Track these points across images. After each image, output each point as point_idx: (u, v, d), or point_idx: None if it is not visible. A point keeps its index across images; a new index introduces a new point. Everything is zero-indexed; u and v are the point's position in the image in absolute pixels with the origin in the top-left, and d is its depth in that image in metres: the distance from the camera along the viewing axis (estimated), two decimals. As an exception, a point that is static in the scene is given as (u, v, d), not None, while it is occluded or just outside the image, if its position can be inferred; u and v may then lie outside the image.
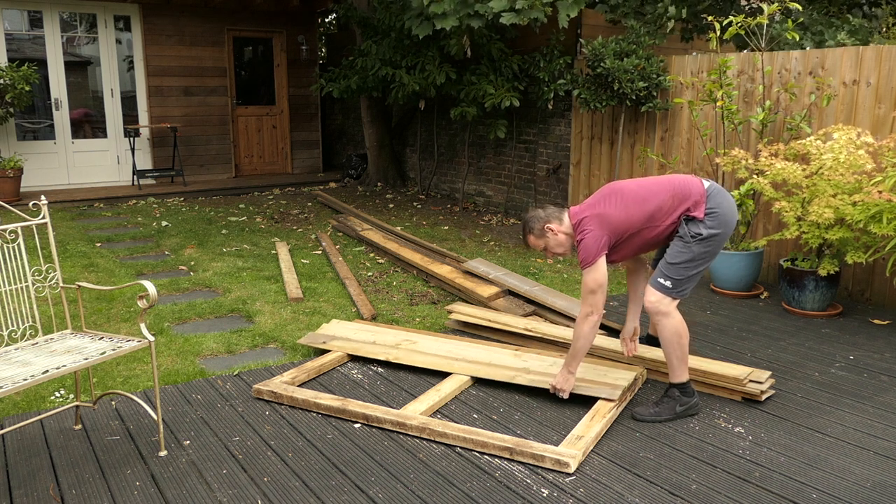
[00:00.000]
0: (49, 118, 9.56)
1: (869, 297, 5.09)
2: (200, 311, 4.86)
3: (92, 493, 2.69)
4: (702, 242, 3.24)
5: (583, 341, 3.31)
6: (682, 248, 3.27)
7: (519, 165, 8.34)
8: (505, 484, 2.76)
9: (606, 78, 6.19)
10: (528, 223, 3.44)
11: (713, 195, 3.31)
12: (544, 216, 3.40)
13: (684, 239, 3.27)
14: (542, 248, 3.45)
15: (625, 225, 3.28)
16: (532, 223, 3.42)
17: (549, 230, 3.38)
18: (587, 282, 3.25)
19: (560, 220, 3.39)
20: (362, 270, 5.96)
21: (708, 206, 3.27)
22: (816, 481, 2.78)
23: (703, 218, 3.25)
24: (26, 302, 3.02)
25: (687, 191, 3.30)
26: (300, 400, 3.40)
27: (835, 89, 5.13)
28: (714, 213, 3.27)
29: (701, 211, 3.26)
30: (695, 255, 3.25)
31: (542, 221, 3.39)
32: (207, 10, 10.26)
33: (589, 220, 3.29)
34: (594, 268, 3.23)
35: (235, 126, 10.87)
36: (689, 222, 3.27)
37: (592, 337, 3.32)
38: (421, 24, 7.03)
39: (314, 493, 2.70)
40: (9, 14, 9.22)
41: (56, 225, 7.36)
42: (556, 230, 3.38)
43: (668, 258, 3.29)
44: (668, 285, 3.26)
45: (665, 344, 3.30)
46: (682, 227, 3.29)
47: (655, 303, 3.27)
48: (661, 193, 3.31)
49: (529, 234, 3.44)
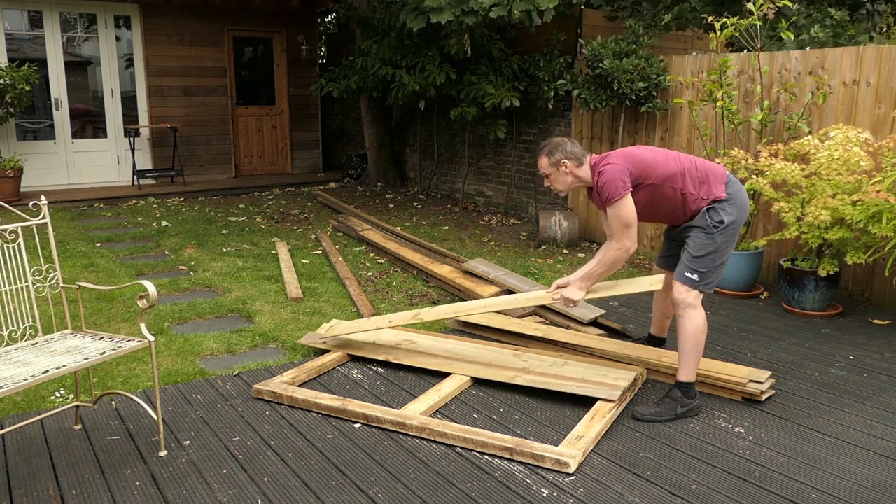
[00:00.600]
0: (49, 118, 9.56)
1: (869, 297, 5.09)
2: (200, 311, 4.86)
3: (92, 493, 2.69)
4: (724, 231, 3.28)
5: (605, 268, 3.33)
6: (705, 239, 3.29)
7: (519, 165, 8.34)
8: (505, 484, 2.76)
9: (606, 78, 6.19)
10: (551, 147, 3.39)
11: (732, 182, 3.38)
12: (568, 151, 3.35)
13: (706, 230, 3.29)
14: (546, 174, 3.43)
15: (650, 167, 3.27)
16: (554, 150, 3.37)
17: (563, 164, 3.36)
18: (621, 216, 3.22)
19: (580, 162, 3.37)
20: (362, 270, 5.96)
21: (728, 191, 3.33)
22: (816, 481, 2.78)
23: (725, 199, 3.29)
24: (26, 302, 3.02)
25: (711, 167, 3.37)
26: (300, 400, 3.41)
27: (833, 88, 5.13)
28: (731, 199, 3.32)
29: (722, 189, 3.30)
30: (718, 245, 3.28)
31: (563, 154, 3.35)
32: (207, 10, 10.27)
33: (613, 156, 3.31)
34: (623, 202, 3.22)
35: (235, 126, 10.87)
36: (709, 211, 3.30)
37: (616, 269, 3.35)
38: (416, 18, 7.03)
39: (314, 493, 2.70)
40: (9, 14, 9.22)
41: (56, 225, 7.36)
42: (569, 169, 3.36)
43: (692, 251, 3.31)
44: (695, 279, 3.28)
45: (684, 338, 3.30)
46: (703, 218, 3.30)
47: (685, 294, 3.28)
48: (686, 160, 3.37)
49: (546, 156, 3.39)
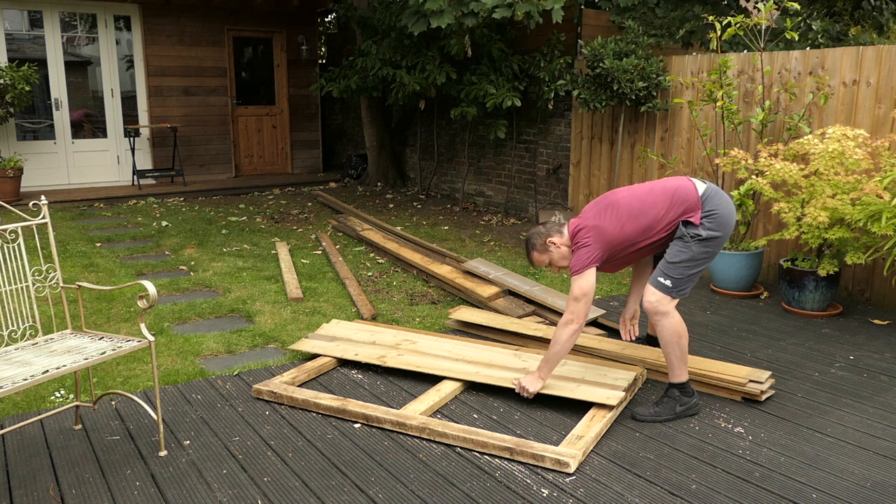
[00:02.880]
0: (49, 118, 9.56)
1: (869, 297, 5.09)
2: (200, 311, 4.86)
3: (92, 493, 2.69)
4: (701, 243, 3.25)
5: (559, 348, 3.29)
6: (681, 247, 3.27)
7: (519, 165, 8.34)
8: (505, 484, 2.76)
9: (606, 78, 6.19)
10: (530, 240, 3.45)
11: (710, 198, 3.30)
12: (545, 231, 3.42)
13: (684, 239, 3.28)
14: (547, 264, 3.47)
15: (619, 239, 3.31)
16: (534, 239, 3.43)
17: (551, 244, 3.40)
18: (573, 289, 3.27)
19: (560, 233, 3.42)
20: (362, 270, 5.96)
21: (706, 210, 3.28)
22: (816, 481, 2.78)
23: (701, 222, 3.26)
24: (26, 302, 3.02)
25: (682, 199, 3.30)
26: (300, 400, 3.41)
27: (834, 88, 5.13)
28: (713, 214, 3.27)
29: (697, 217, 3.27)
30: (694, 254, 3.25)
31: (544, 236, 3.41)
32: (207, 10, 10.27)
33: (587, 231, 3.31)
34: (582, 276, 3.25)
35: (235, 126, 10.87)
36: (687, 225, 3.28)
37: (570, 346, 3.31)
38: (416, 22, 7.02)
39: (314, 493, 2.70)
40: (9, 14, 9.22)
41: (56, 225, 7.36)
42: (558, 243, 3.40)
43: (667, 258, 3.30)
44: (668, 284, 3.26)
45: (664, 344, 3.30)
46: (681, 229, 3.30)
47: (655, 303, 3.27)
48: (656, 205, 3.31)
49: (533, 250, 3.46)
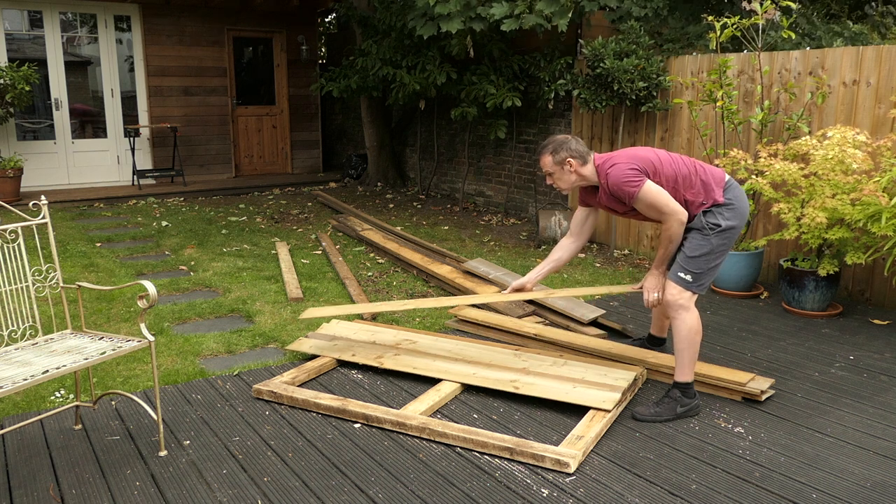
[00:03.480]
0: (49, 118, 9.56)
1: (869, 297, 5.09)
2: (200, 311, 4.86)
3: (92, 493, 2.69)
4: (720, 234, 3.26)
5: (673, 245, 3.27)
6: (700, 240, 3.27)
7: (519, 165, 8.34)
8: (505, 484, 2.76)
9: (606, 78, 6.19)
10: (555, 145, 3.35)
11: (731, 187, 3.35)
12: (573, 150, 3.32)
13: (703, 231, 3.27)
14: (549, 173, 3.40)
15: (657, 167, 3.25)
16: (559, 148, 3.33)
17: (568, 163, 3.33)
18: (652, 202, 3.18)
19: (584, 160, 3.34)
20: (362, 270, 5.96)
21: (726, 197, 3.30)
22: (816, 481, 2.78)
23: (723, 204, 3.27)
24: (26, 302, 3.02)
25: (711, 170, 3.35)
26: (300, 400, 3.41)
27: (833, 88, 5.13)
28: (731, 205, 3.30)
29: (721, 194, 3.28)
30: (714, 247, 3.26)
31: (568, 153, 3.32)
32: (207, 10, 10.27)
33: (618, 156, 3.29)
34: (646, 189, 3.18)
35: (235, 126, 10.87)
36: (706, 214, 3.28)
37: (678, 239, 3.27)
38: (425, 25, 7.00)
39: (314, 493, 2.70)
40: (9, 14, 9.22)
41: (56, 225, 7.36)
42: (574, 167, 3.34)
43: (686, 252, 3.29)
44: (688, 279, 3.26)
45: (679, 339, 3.29)
46: (700, 220, 3.29)
47: (676, 296, 3.26)
48: (688, 163, 3.34)
49: (549, 154, 3.35)
